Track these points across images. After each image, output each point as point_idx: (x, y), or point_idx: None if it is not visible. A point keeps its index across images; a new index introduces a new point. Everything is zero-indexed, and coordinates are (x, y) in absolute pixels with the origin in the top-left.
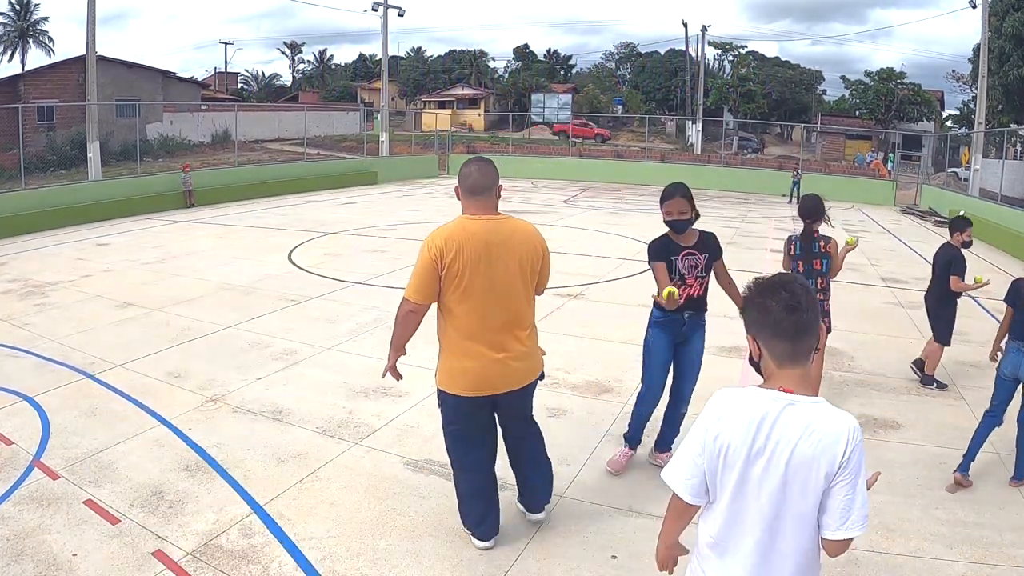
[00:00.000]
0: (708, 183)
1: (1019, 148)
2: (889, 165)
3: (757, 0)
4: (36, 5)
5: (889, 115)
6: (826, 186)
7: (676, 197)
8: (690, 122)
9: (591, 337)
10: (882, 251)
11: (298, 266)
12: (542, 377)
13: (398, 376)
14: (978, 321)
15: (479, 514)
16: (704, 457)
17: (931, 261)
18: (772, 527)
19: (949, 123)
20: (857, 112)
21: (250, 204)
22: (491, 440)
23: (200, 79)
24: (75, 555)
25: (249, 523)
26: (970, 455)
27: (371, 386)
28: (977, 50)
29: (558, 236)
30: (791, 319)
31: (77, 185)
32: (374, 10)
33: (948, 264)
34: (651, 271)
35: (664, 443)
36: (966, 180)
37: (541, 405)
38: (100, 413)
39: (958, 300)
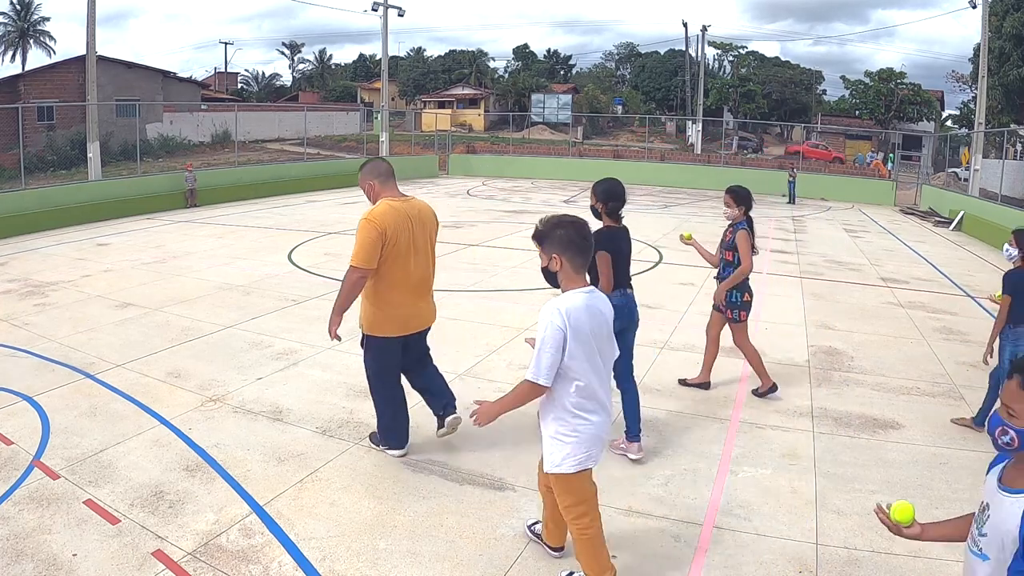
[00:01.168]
0: (708, 183)
1: (1019, 148)
2: (889, 165)
3: (758, 0)
4: (36, 5)
5: (889, 115)
6: (826, 186)
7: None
8: (690, 122)
9: None
10: (882, 251)
11: (298, 266)
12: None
13: (339, 338)
14: (979, 320)
15: (403, 427)
16: (563, 347)
17: None
18: (607, 372)
19: (949, 123)
20: (857, 112)
21: (250, 204)
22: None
23: (200, 79)
24: (75, 555)
25: (249, 523)
26: None
27: None
28: (977, 50)
29: None
30: (587, 242)
31: (77, 185)
32: (374, 10)
33: None
34: None
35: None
36: (966, 180)
37: None
38: (100, 413)
39: None
